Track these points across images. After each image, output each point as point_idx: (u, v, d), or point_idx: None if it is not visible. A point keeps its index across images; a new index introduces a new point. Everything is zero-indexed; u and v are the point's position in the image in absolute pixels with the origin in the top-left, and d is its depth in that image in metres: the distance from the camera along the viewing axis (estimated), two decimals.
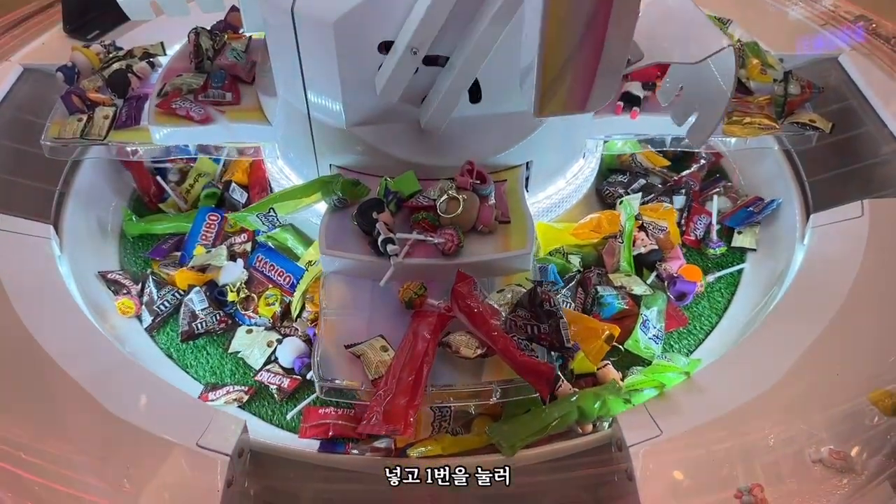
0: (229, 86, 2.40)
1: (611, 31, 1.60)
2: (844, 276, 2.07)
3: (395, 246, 1.89)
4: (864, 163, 2.44)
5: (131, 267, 2.58)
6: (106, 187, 2.77)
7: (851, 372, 1.83)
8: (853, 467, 1.64)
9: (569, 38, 1.60)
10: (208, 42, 2.49)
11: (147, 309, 2.38)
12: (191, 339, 2.32)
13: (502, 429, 1.88)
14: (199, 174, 2.75)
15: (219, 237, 2.54)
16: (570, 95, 1.72)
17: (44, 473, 1.62)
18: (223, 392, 2.16)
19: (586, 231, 2.45)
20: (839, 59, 2.80)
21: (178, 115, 2.29)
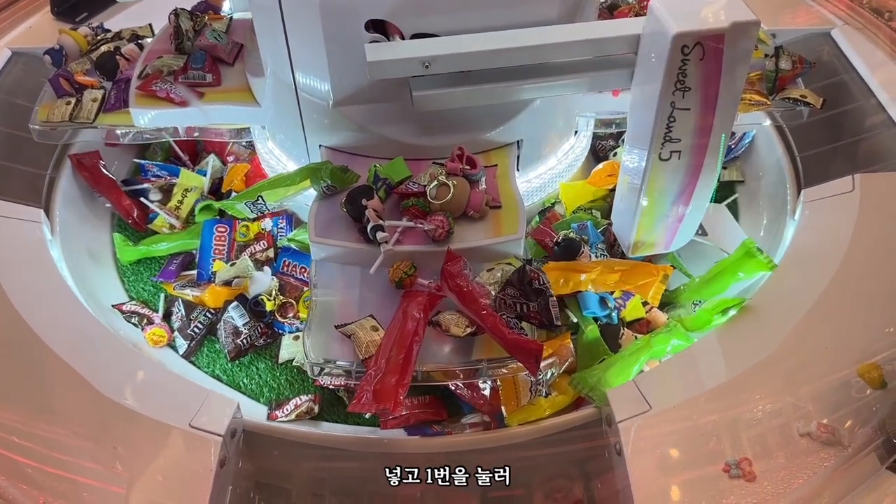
0: (210, 67, 2.38)
1: (695, 200, 1.97)
2: (835, 251, 2.07)
3: (384, 233, 1.87)
4: (856, 138, 2.43)
5: (139, 294, 2.48)
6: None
7: (840, 346, 1.84)
8: (841, 440, 1.66)
9: (660, 211, 1.99)
10: (188, 23, 2.47)
11: (181, 334, 2.29)
12: (239, 356, 2.24)
13: (588, 380, 1.95)
14: (186, 189, 2.62)
15: (232, 249, 2.44)
16: (658, 242, 2.11)
17: (37, 457, 1.63)
18: (291, 407, 2.09)
19: (602, 177, 2.47)
20: (831, 33, 2.78)
21: (158, 97, 2.28)
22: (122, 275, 2.52)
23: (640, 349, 2.03)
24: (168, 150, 2.79)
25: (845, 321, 1.93)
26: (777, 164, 2.56)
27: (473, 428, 2.01)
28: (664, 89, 1.71)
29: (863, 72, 2.60)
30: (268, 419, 2.07)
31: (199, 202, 2.59)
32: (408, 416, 2.05)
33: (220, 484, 1.65)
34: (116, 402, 1.76)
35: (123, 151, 2.83)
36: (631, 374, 1.96)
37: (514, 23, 1.85)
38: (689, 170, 1.89)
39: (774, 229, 2.43)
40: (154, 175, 2.68)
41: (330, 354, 1.84)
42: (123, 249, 2.53)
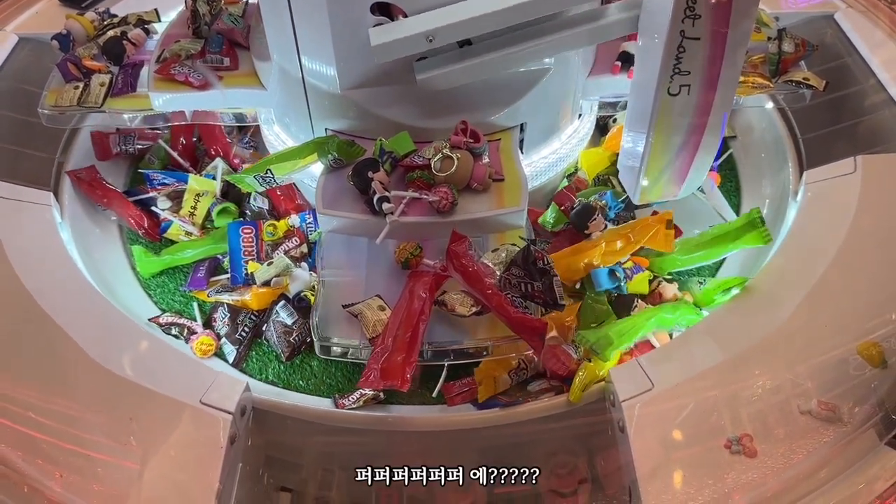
0: (227, 51, 2.39)
1: (705, 139, 1.89)
2: (837, 231, 2.09)
3: (390, 204, 1.90)
4: (858, 119, 2.45)
5: (171, 305, 2.42)
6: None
7: (840, 324, 1.87)
8: (840, 417, 1.68)
9: (670, 150, 1.93)
10: (205, 7, 2.47)
11: (228, 340, 2.25)
12: (294, 355, 2.21)
13: (589, 336, 1.99)
14: (198, 194, 2.54)
15: (261, 249, 2.37)
16: (666, 188, 2.05)
17: (52, 432, 1.67)
18: (357, 396, 2.04)
19: (618, 141, 2.44)
20: (835, 16, 2.79)
21: (177, 81, 2.29)
22: (146, 288, 2.46)
23: (648, 315, 2.07)
24: (165, 158, 2.75)
25: (846, 300, 1.95)
26: (779, 146, 2.57)
27: (545, 394, 1.99)
28: (674, 16, 1.67)
29: (865, 54, 2.61)
30: (336, 408, 2.04)
31: (214, 206, 2.53)
32: (473, 392, 2.06)
33: (231, 461, 1.69)
34: (128, 379, 1.80)
35: (117, 164, 2.77)
36: (634, 337, 2.02)
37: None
38: (699, 106, 1.84)
39: (776, 210, 2.45)
40: (160, 183, 2.61)
41: (338, 333, 1.87)
42: (145, 262, 2.46)
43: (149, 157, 2.75)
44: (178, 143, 2.75)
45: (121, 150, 2.71)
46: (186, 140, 2.77)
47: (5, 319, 1.97)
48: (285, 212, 2.46)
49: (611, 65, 2.35)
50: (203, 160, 2.76)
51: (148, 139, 2.75)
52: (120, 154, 2.73)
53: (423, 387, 2.12)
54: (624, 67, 2.31)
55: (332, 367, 2.20)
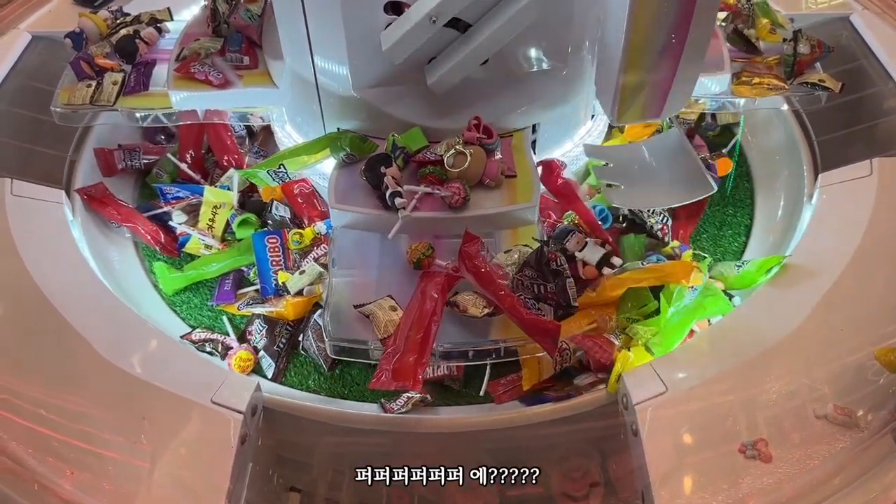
0: (246, 49, 2.39)
1: (689, 44, 1.74)
2: (852, 235, 2.07)
3: (402, 199, 1.91)
4: (874, 122, 2.43)
5: (200, 321, 2.36)
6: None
7: (856, 329, 1.85)
8: (857, 423, 1.66)
9: (649, 53, 1.78)
10: (225, 6, 2.48)
11: (267, 353, 2.19)
12: (336, 365, 2.17)
13: (644, 333, 2.02)
14: (215, 206, 2.49)
15: (289, 258, 2.33)
16: (647, 105, 1.89)
17: (63, 430, 1.67)
18: (404, 400, 1.98)
19: (638, 128, 2.52)
20: (850, 18, 2.77)
21: (196, 79, 2.29)
22: (172, 305, 2.40)
23: (692, 311, 2.06)
24: (174, 171, 2.71)
25: (862, 305, 1.93)
26: (794, 149, 2.55)
27: (594, 387, 1.97)
28: None
29: (881, 56, 2.58)
30: (384, 412, 1.99)
31: (234, 217, 2.48)
32: (518, 389, 2.05)
33: (241, 460, 1.68)
34: (139, 377, 1.79)
35: (123, 179, 2.72)
36: (684, 332, 2.04)
37: None
38: (679, 14, 1.72)
39: (791, 213, 2.42)
40: (174, 197, 2.57)
41: (349, 334, 1.86)
42: (168, 279, 2.41)
43: (156, 171, 2.71)
44: (185, 156, 2.71)
45: (126, 165, 2.69)
46: (196, 152, 2.72)
47: (17, 317, 1.97)
48: (310, 219, 2.41)
49: None
50: (213, 172, 2.72)
51: (153, 153, 2.73)
52: (125, 169, 2.70)
53: (468, 386, 2.12)
54: None
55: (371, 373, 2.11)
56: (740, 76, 2.35)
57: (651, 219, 2.38)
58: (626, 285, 2.09)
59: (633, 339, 2.04)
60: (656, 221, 2.38)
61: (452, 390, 2.10)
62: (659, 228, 2.38)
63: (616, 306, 2.12)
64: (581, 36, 2.11)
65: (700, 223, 2.55)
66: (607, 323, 2.08)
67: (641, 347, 2.02)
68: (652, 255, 2.29)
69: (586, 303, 2.08)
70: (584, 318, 2.09)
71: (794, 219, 2.36)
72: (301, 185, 2.44)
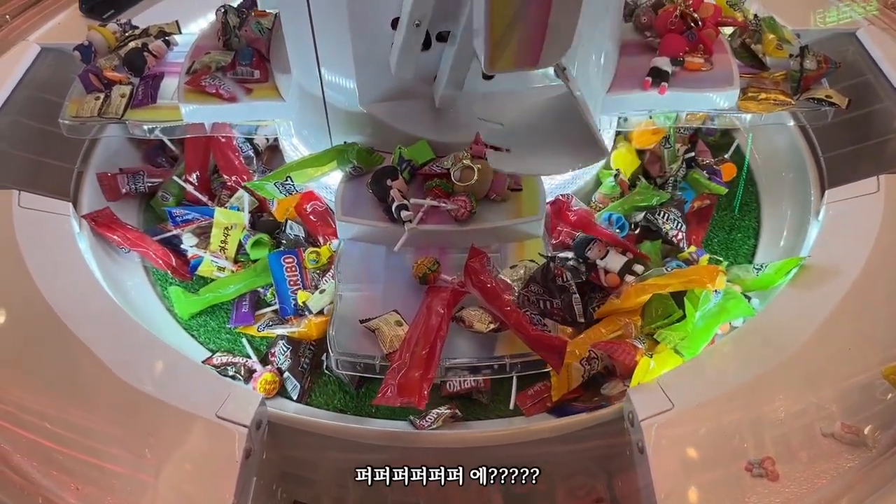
0: (257, 63, 2.41)
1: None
2: (859, 252, 2.06)
3: (408, 212, 1.92)
4: (881, 138, 2.42)
5: (219, 344, 2.33)
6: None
7: (863, 347, 1.84)
8: (865, 441, 1.65)
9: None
10: (235, 20, 2.50)
11: (292, 374, 2.14)
12: (364, 383, 2.14)
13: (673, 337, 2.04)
14: (226, 228, 2.46)
15: (306, 277, 2.30)
16: (522, 50, 1.70)
17: (68, 443, 1.67)
18: (434, 416, 1.96)
19: (647, 135, 2.53)
20: (857, 33, 2.77)
21: (207, 93, 2.30)
22: (189, 329, 2.37)
23: (716, 315, 2.08)
24: (179, 194, 2.67)
25: (869, 322, 1.92)
26: (801, 165, 2.55)
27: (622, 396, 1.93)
28: None
29: (888, 72, 2.58)
30: (415, 429, 1.96)
31: (247, 238, 2.45)
32: (545, 401, 2.05)
33: (245, 475, 1.68)
34: (144, 391, 1.79)
35: (127, 204, 2.69)
36: (710, 335, 2.06)
37: None
38: None
39: (798, 230, 2.42)
40: (184, 219, 2.52)
41: (355, 348, 1.86)
42: (184, 303, 2.37)
43: (161, 194, 2.68)
44: (191, 178, 2.67)
45: (130, 189, 2.66)
46: (201, 174, 2.68)
47: (23, 329, 1.98)
48: (325, 237, 2.38)
49: (631, 80, 2.34)
50: (220, 193, 2.68)
51: (157, 176, 2.71)
52: (129, 194, 2.67)
53: (496, 399, 2.11)
54: (654, 83, 2.31)
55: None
56: (747, 91, 2.35)
57: (666, 225, 2.38)
58: (651, 291, 2.10)
59: (661, 344, 2.06)
60: (671, 228, 2.38)
61: (481, 403, 2.09)
62: (674, 235, 2.38)
63: (640, 313, 2.13)
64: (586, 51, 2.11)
65: (710, 228, 2.57)
66: (632, 330, 2.08)
67: (670, 351, 2.03)
68: (670, 261, 2.30)
69: (611, 310, 2.10)
70: (609, 326, 2.10)
71: (800, 235, 2.36)
72: (315, 204, 2.40)
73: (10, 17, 3.07)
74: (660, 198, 2.40)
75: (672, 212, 2.38)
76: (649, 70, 2.33)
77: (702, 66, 2.34)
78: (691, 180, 2.54)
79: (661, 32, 2.43)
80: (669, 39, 2.37)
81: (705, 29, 2.43)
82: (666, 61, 2.33)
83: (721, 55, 2.39)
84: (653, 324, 2.12)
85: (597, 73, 2.22)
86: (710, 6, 2.50)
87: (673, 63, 2.34)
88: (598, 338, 2.05)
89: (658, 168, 2.63)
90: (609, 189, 2.57)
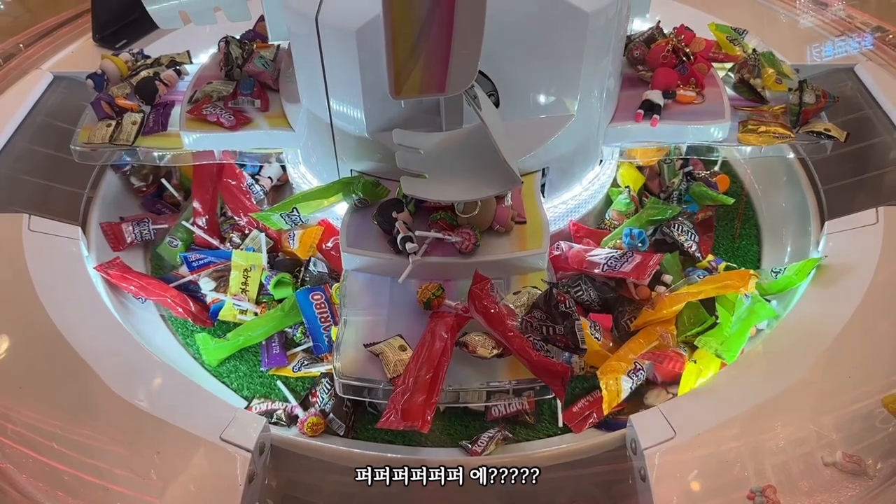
0: (258, 93, 2.45)
1: (460, 3, 1.52)
2: (859, 282, 2.09)
3: (413, 244, 1.94)
4: (879, 171, 2.46)
5: (253, 390, 2.28)
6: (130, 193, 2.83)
7: (864, 376, 1.85)
8: (866, 471, 1.66)
9: (416, 13, 1.54)
10: (238, 51, 2.55)
11: (336, 415, 2.10)
12: None
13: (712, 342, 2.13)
14: (246, 269, 2.43)
15: (335, 313, 2.27)
16: (427, 76, 1.67)
17: (74, 464, 1.68)
18: (486, 439, 2.00)
19: (651, 153, 2.54)
20: (854, 69, 2.82)
21: (208, 122, 2.34)
22: (219, 376, 2.30)
23: (747, 318, 2.16)
24: (188, 238, 2.64)
25: (869, 352, 1.94)
26: (800, 196, 2.59)
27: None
28: None
29: (886, 107, 2.63)
30: (469, 455, 1.98)
31: (269, 279, 2.42)
32: (588, 417, 2.12)
33: (249, 499, 1.69)
34: (150, 413, 1.81)
35: (133, 252, 2.66)
36: (745, 338, 2.14)
37: None
38: None
39: (798, 260, 2.43)
40: (201, 264, 2.49)
41: (359, 373, 1.87)
42: (212, 349, 2.30)
43: (169, 239, 2.64)
44: (199, 222, 2.64)
45: (135, 237, 2.64)
46: (210, 217, 2.65)
47: (31, 351, 2.00)
48: None
49: (626, 113, 2.39)
50: (230, 235, 2.64)
51: (162, 222, 2.71)
52: (135, 242, 2.65)
53: (540, 418, 2.15)
54: (647, 116, 2.34)
55: (448, 418, 2.13)
56: (747, 124, 2.38)
57: (681, 237, 2.46)
58: (685, 300, 2.21)
59: (700, 350, 2.16)
60: (686, 239, 2.47)
61: (529, 424, 2.13)
62: (689, 245, 2.46)
63: (674, 323, 2.22)
64: (588, 87, 2.16)
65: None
66: (669, 340, 2.17)
67: (712, 356, 2.13)
68: (692, 271, 2.39)
69: (646, 321, 2.23)
70: (646, 337, 2.19)
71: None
72: (336, 239, 2.42)
73: (24, 45, 3.14)
74: (672, 211, 2.51)
75: (685, 223, 2.49)
76: (641, 103, 2.37)
77: (693, 99, 2.39)
78: (696, 193, 2.62)
79: (654, 66, 2.48)
80: (661, 73, 2.42)
81: (697, 63, 2.49)
82: (658, 94, 2.37)
83: (713, 89, 2.44)
84: (687, 332, 2.21)
85: (598, 108, 2.26)
86: (701, 41, 2.57)
87: (665, 96, 2.38)
88: (639, 349, 2.15)
89: (658, 183, 2.74)
90: (623, 206, 2.66)
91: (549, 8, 1.92)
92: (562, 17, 1.94)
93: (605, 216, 2.69)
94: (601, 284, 2.34)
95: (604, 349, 2.19)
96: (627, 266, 2.25)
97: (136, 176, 2.81)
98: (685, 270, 2.41)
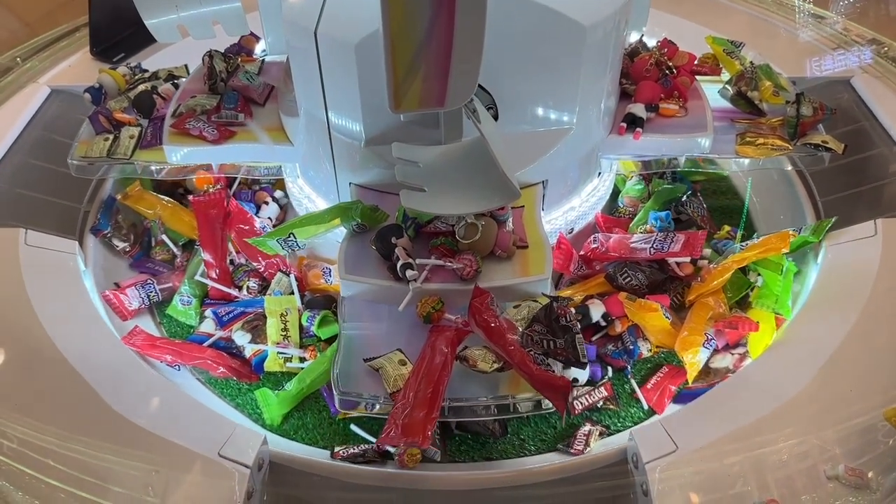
0: (242, 107, 2.44)
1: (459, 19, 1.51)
2: (858, 294, 2.09)
3: (413, 271, 1.92)
4: (877, 183, 2.46)
5: (332, 440, 2.09)
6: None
7: (865, 389, 1.85)
8: (869, 485, 1.65)
9: (415, 28, 1.53)
10: (222, 64, 2.54)
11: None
12: (505, 431, 2.09)
13: (767, 300, 2.29)
14: (282, 314, 2.31)
15: None
16: (426, 90, 1.67)
17: (70, 481, 1.66)
18: (582, 435, 2.01)
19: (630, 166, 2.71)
20: (851, 81, 2.83)
21: (191, 135, 2.33)
22: (285, 435, 2.13)
23: (788, 276, 2.31)
24: (203, 293, 2.51)
25: (869, 364, 1.93)
26: (799, 208, 2.59)
27: (736, 368, 2.19)
28: None
29: (883, 119, 2.64)
30: (572, 455, 1.97)
31: (311, 320, 2.30)
32: (670, 386, 2.20)
33: None
34: (147, 429, 1.79)
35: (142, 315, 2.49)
36: (790, 292, 2.31)
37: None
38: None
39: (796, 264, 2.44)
40: (232, 317, 2.37)
41: (358, 388, 1.86)
42: (275, 404, 2.14)
43: (180, 298, 2.47)
44: (212, 274, 2.49)
45: (142, 303, 2.46)
46: (221, 266, 2.50)
47: (28, 367, 1.98)
48: None
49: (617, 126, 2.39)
50: (245, 282, 2.49)
51: (164, 281, 2.53)
52: (143, 308, 2.48)
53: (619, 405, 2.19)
54: (629, 129, 2.35)
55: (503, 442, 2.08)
56: (745, 136, 2.39)
57: (695, 213, 2.63)
58: (733, 268, 2.31)
59: (756, 310, 2.30)
60: (699, 214, 2.64)
61: (612, 410, 2.18)
62: (701, 219, 2.63)
63: (721, 293, 2.33)
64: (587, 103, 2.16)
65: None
66: (723, 307, 2.28)
67: (770, 314, 2.26)
68: (723, 243, 2.49)
69: (698, 293, 2.32)
70: (703, 309, 2.28)
71: (799, 278, 2.38)
72: None
73: (22, 59, 3.14)
74: (682, 190, 2.65)
75: (695, 200, 2.65)
76: (624, 116, 2.38)
77: (676, 112, 2.40)
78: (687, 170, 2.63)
79: (637, 79, 2.49)
80: (645, 86, 2.43)
81: (680, 76, 2.50)
82: (641, 108, 2.38)
83: (696, 102, 2.45)
84: (735, 298, 2.34)
85: (597, 123, 2.27)
86: (684, 55, 2.59)
87: (648, 109, 2.39)
88: (701, 321, 2.23)
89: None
90: (637, 192, 2.73)
91: (548, 21, 1.92)
92: (560, 30, 1.94)
93: (618, 203, 2.78)
94: (645, 267, 2.39)
95: (674, 328, 2.26)
96: (676, 246, 2.34)
97: (118, 237, 2.62)
98: (710, 243, 2.50)
